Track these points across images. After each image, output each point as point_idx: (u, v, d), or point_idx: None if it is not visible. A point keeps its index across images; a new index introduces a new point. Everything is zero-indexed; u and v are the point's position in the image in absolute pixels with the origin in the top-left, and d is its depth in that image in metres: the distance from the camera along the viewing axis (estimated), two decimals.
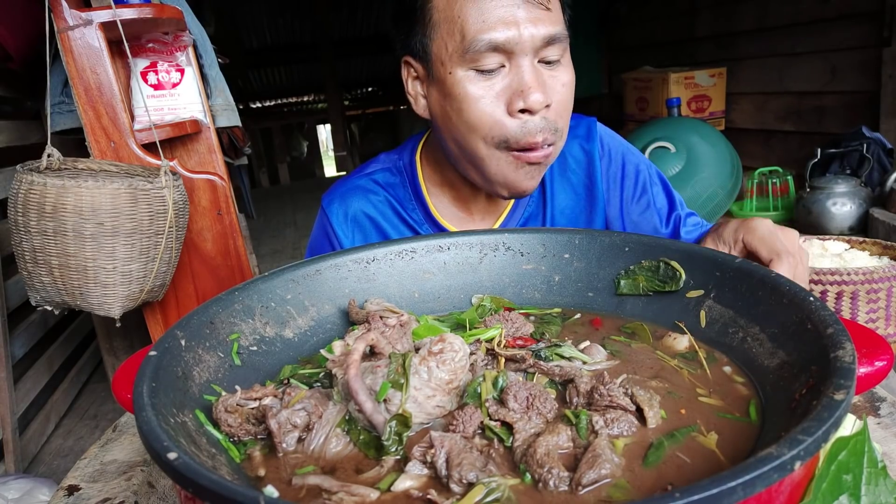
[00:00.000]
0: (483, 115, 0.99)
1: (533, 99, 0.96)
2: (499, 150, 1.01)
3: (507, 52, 0.97)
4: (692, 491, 0.36)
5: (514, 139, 0.99)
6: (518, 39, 0.96)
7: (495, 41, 0.96)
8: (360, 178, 1.23)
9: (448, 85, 1.02)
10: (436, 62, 1.03)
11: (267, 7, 8.72)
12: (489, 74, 0.99)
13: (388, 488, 0.49)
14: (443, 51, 1.01)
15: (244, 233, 2.81)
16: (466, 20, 0.97)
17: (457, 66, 1.00)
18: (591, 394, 0.58)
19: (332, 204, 1.21)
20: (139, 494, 0.73)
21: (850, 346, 0.49)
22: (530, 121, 0.99)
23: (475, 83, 0.99)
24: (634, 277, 0.79)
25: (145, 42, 2.01)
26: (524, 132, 0.99)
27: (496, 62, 0.98)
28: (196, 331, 0.64)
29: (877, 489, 0.47)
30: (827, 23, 3.59)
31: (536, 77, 0.98)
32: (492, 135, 1.00)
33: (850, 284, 1.74)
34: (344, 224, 1.20)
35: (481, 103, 0.99)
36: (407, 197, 1.21)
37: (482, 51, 0.97)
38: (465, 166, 1.09)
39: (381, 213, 1.20)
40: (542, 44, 0.98)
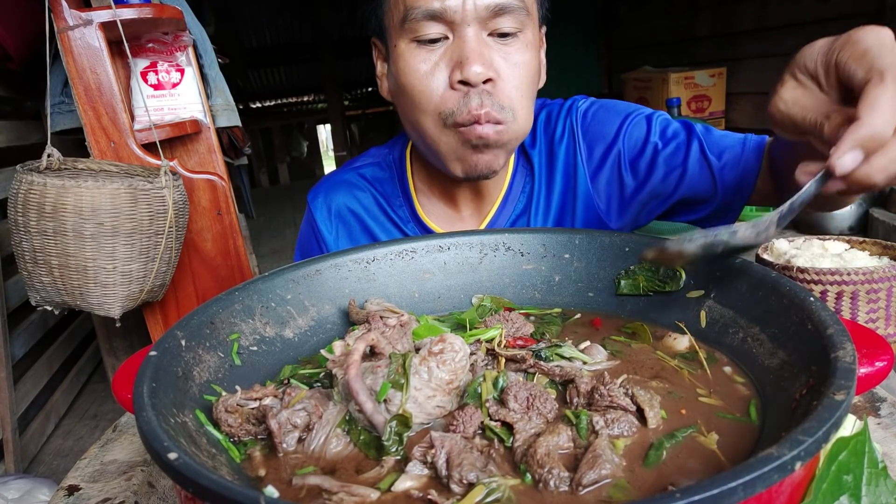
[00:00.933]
0: (424, 88, 0.95)
1: (471, 70, 0.91)
2: (447, 128, 0.96)
3: (448, 21, 0.92)
4: (693, 491, 0.36)
5: (456, 113, 0.94)
6: (457, 8, 0.90)
7: (431, 8, 0.91)
8: (346, 172, 1.20)
9: (393, 59, 0.98)
10: (388, 34, 0.99)
11: (267, 7, 8.71)
12: (430, 45, 0.94)
13: (388, 488, 0.49)
14: (391, 24, 0.97)
15: (244, 233, 2.81)
16: None
17: (399, 37, 0.95)
18: (591, 394, 0.58)
19: (317, 199, 1.18)
20: (139, 494, 0.73)
21: (851, 346, 0.49)
22: (471, 92, 0.93)
23: (416, 54, 0.95)
24: (635, 277, 0.79)
25: (145, 42, 2.01)
26: (464, 104, 0.93)
27: (437, 31, 0.93)
28: (196, 331, 0.64)
29: (877, 489, 0.47)
30: (827, 23, 3.59)
31: (478, 48, 0.92)
32: (436, 109, 0.95)
33: (850, 284, 1.73)
34: (328, 220, 1.16)
35: (420, 75, 0.95)
36: (394, 193, 1.17)
37: (419, 19, 0.92)
38: (423, 149, 1.05)
39: (365, 209, 1.16)
40: (488, 13, 0.92)
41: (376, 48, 1.07)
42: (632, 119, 1.10)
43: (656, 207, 1.11)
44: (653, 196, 1.09)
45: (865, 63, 0.58)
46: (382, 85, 1.08)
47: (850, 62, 0.59)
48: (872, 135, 0.54)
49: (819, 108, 0.63)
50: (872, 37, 0.59)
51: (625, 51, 5.76)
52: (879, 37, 0.59)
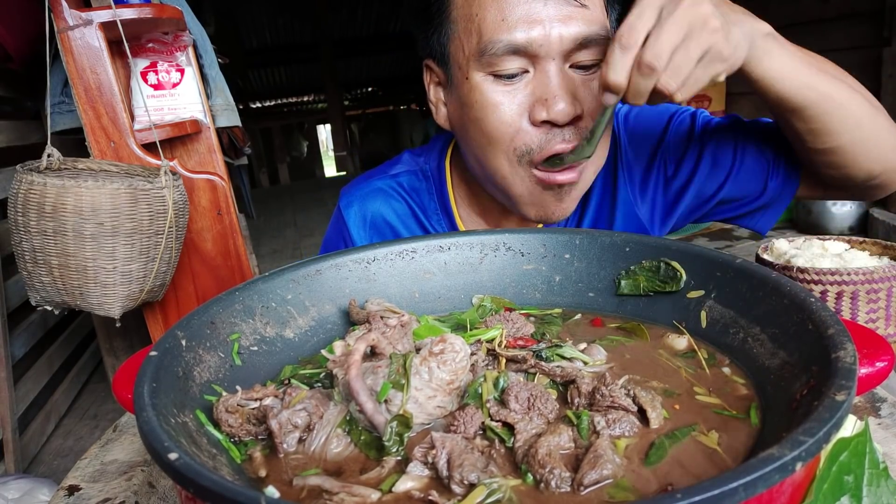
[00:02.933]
0: (501, 125, 0.89)
1: (558, 109, 0.85)
2: (521, 167, 0.91)
3: (531, 56, 0.86)
4: (693, 491, 0.36)
5: (535, 150, 0.89)
6: (543, 41, 0.84)
7: (515, 43, 0.85)
8: (382, 179, 1.13)
9: (465, 91, 0.91)
10: (454, 66, 0.93)
11: (267, 7, 8.72)
12: (510, 80, 0.88)
13: (389, 489, 0.49)
14: (460, 52, 0.90)
15: (244, 233, 2.81)
16: (484, 18, 0.86)
17: (474, 69, 0.89)
18: (592, 394, 0.58)
19: (351, 206, 1.12)
20: (139, 494, 0.73)
21: (851, 346, 0.49)
22: (555, 131, 0.88)
23: (493, 89, 0.88)
24: (635, 278, 0.79)
25: (145, 42, 2.01)
26: (545, 141, 0.88)
27: (517, 66, 0.87)
28: (196, 331, 0.64)
29: (878, 490, 0.47)
30: (827, 23, 3.59)
31: (563, 84, 0.86)
32: (513, 146, 0.89)
33: (850, 284, 1.73)
34: (361, 229, 1.11)
35: (500, 112, 0.88)
36: (432, 207, 1.11)
37: (499, 54, 0.86)
38: (489, 186, 0.99)
39: (401, 222, 1.11)
40: (573, 46, 0.86)
41: (431, 72, 1.00)
42: (677, 116, 1.07)
43: (698, 208, 1.07)
44: (697, 195, 1.05)
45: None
46: (439, 111, 1.01)
47: None
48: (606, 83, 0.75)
49: None
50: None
51: None
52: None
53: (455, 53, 0.92)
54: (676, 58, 0.72)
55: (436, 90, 1.01)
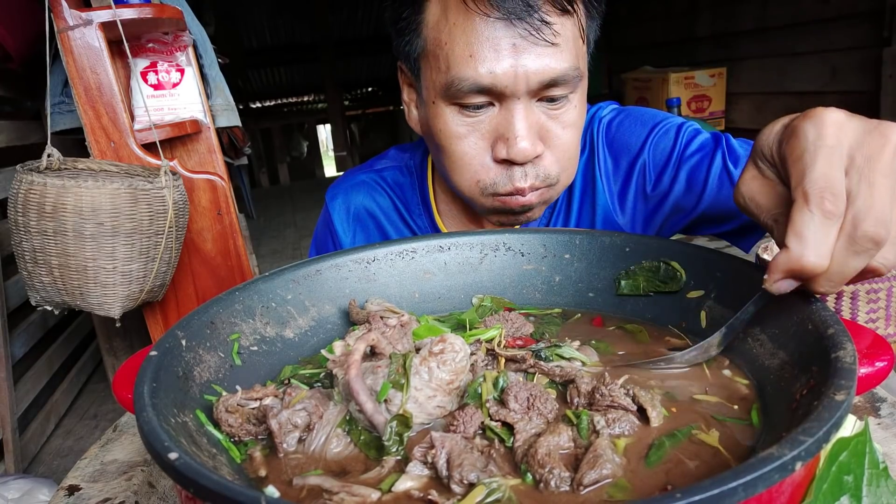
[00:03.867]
0: (464, 157, 0.90)
1: (518, 149, 0.85)
2: (483, 196, 0.93)
3: (496, 94, 0.85)
4: (693, 491, 0.36)
5: (498, 185, 0.90)
6: (509, 82, 0.83)
7: (480, 83, 0.83)
8: (367, 173, 1.16)
9: (431, 114, 0.91)
10: (423, 82, 0.92)
11: (267, 7, 8.72)
12: (475, 111, 0.87)
13: (388, 489, 0.49)
14: (428, 73, 0.90)
15: (244, 233, 2.81)
16: (453, 49, 0.84)
17: (439, 97, 0.88)
18: (592, 394, 0.58)
19: (336, 199, 1.15)
20: (139, 494, 0.73)
21: (851, 346, 0.49)
22: (516, 169, 0.88)
23: (458, 120, 0.88)
24: (635, 278, 0.79)
25: (145, 42, 2.01)
26: (507, 179, 0.89)
27: (483, 100, 0.86)
28: (197, 331, 0.64)
29: (878, 490, 0.47)
30: (827, 23, 3.59)
31: (528, 124, 0.86)
32: (475, 178, 0.91)
33: (850, 284, 1.73)
34: (345, 221, 1.14)
35: (463, 144, 0.89)
36: (414, 201, 1.13)
37: (465, 90, 0.85)
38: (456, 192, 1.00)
39: (383, 213, 1.13)
40: (539, 87, 0.85)
41: (403, 73, 1.00)
42: (660, 129, 1.05)
43: (678, 222, 1.06)
44: (676, 210, 1.04)
45: (797, 172, 0.50)
46: (410, 113, 1.01)
47: (787, 163, 0.51)
48: (802, 267, 0.49)
49: (772, 207, 0.55)
50: (812, 130, 0.50)
51: (625, 51, 5.76)
52: (819, 129, 0.50)
53: (424, 71, 0.91)
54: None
55: (408, 91, 1.01)
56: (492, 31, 0.82)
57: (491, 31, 0.82)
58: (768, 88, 4.13)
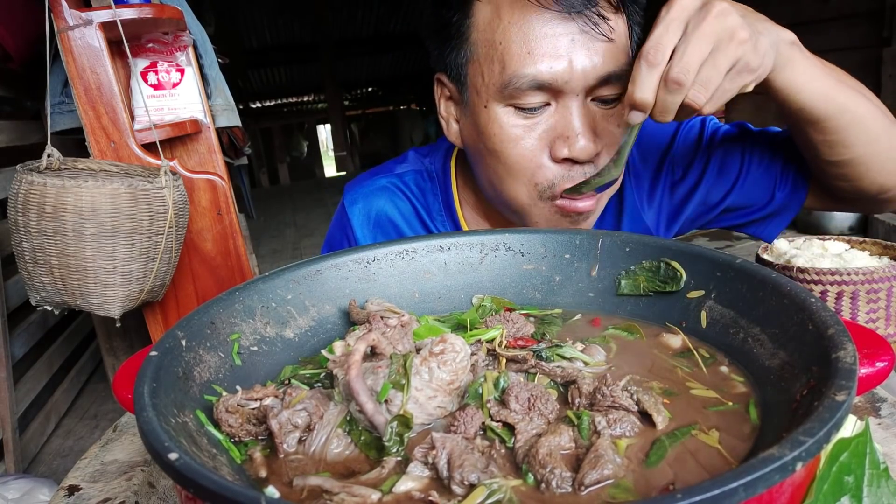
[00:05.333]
0: (522, 160, 0.88)
1: (579, 147, 0.85)
2: (542, 201, 0.91)
3: (554, 91, 0.85)
4: (694, 492, 0.36)
5: (556, 185, 0.89)
6: (567, 77, 0.83)
7: (540, 78, 0.83)
8: (387, 177, 1.13)
9: (482, 120, 0.89)
10: (471, 89, 0.90)
11: (267, 7, 8.72)
12: (531, 112, 0.86)
13: (389, 490, 0.49)
14: (479, 78, 0.88)
15: (244, 233, 2.81)
16: (509, 48, 0.83)
17: (493, 99, 0.87)
18: (593, 395, 0.58)
19: (356, 204, 1.11)
20: (140, 494, 0.73)
21: (851, 346, 0.49)
22: (576, 169, 0.87)
23: (514, 123, 0.87)
24: (635, 278, 0.79)
25: (145, 42, 2.01)
26: (567, 177, 0.88)
27: (540, 100, 0.85)
28: (197, 331, 0.64)
29: (879, 490, 0.47)
30: (827, 23, 3.59)
31: (585, 121, 0.86)
32: (534, 181, 0.89)
33: (850, 284, 1.74)
34: (366, 226, 1.11)
35: (520, 146, 0.87)
36: (437, 208, 1.10)
37: (524, 88, 0.84)
38: (502, 207, 0.98)
39: (405, 221, 1.11)
40: (597, 83, 0.85)
41: (442, 86, 0.98)
42: (686, 124, 1.06)
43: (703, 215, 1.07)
44: (703, 201, 1.05)
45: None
46: (450, 128, 0.99)
47: None
48: (633, 101, 0.72)
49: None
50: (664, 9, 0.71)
51: None
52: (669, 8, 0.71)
53: (473, 77, 0.90)
54: (704, 71, 0.70)
55: (447, 105, 0.99)
56: (549, 27, 0.82)
57: (549, 27, 0.82)
58: None
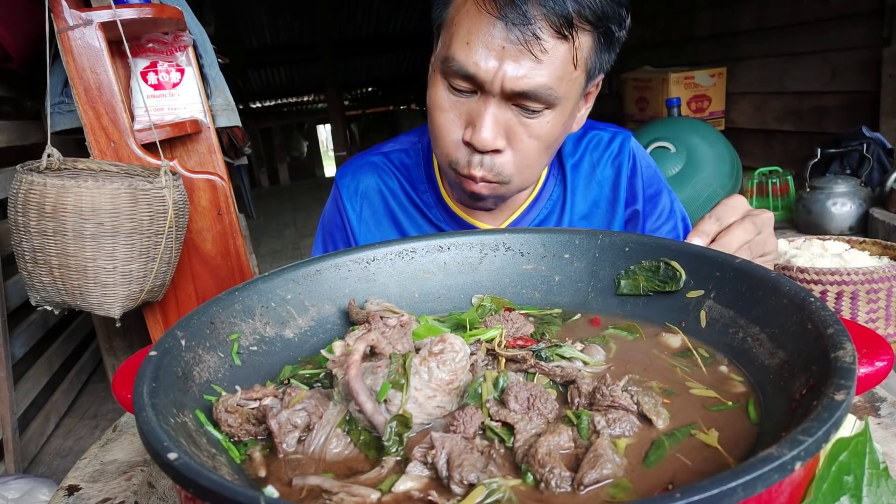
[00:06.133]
0: (442, 129, 0.98)
1: (479, 137, 0.93)
2: (450, 169, 1.01)
3: (478, 84, 0.92)
4: (693, 491, 0.36)
5: (460, 164, 0.98)
6: (488, 78, 0.90)
7: (466, 69, 0.91)
8: (374, 154, 1.23)
9: (430, 81, 1.00)
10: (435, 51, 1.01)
11: (267, 7, 8.71)
12: (459, 93, 0.95)
13: (388, 489, 0.49)
14: (439, 44, 0.99)
15: (244, 233, 2.81)
16: (458, 31, 0.92)
17: (437, 70, 0.98)
18: (593, 394, 0.58)
19: (345, 177, 1.22)
20: (139, 494, 0.73)
21: (851, 346, 0.49)
22: (475, 155, 0.96)
23: (445, 95, 0.97)
24: (634, 277, 0.79)
25: (145, 42, 2.01)
26: (465, 162, 0.97)
27: (467, 87, 0.94)
28: (196, 331, 0.64)
29: (878, 490, 0.47)
30: (827, 23, 3.59)
31: (496, 119, 0.93)
32: (446, 151, 0.99)
33: (850, 284, 1.74)
34: (353, 198, 1.20)
35: (444, 116, 0.97)
36: (419, 178, 1.19)
37: (454, 70, 0.92)
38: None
39: (391, 192, 1.20)
40: (514, 93, 0.91)
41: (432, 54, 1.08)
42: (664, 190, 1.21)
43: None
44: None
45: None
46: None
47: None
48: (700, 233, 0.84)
49: None
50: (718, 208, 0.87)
51: (625, 51, 5.75)
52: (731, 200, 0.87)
53: (438, 41, 1.00)
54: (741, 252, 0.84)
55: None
56: (491, 28, 0.89)
57: (490, 28, 0.89)
58: (768, 88, 4.13)
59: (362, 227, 1.20)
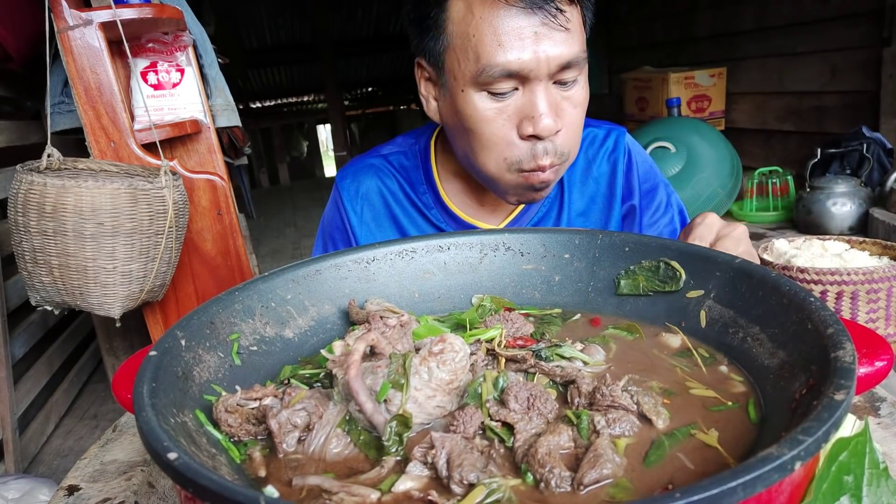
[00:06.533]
0: (493, 137, 0.99)
1: (543, 125, 0.96)
2: (509, 172, 1.02)
3: (522, 78, 0.95)
4: (692, 491, 0.36)
5: (524, 161, 1.00)
6: (534, 66, 0.94)
7: (510, 68, 0.93)
8: (374, 157, 1.25)
9: (459, 102, 1.00)
10: (448, 74, 1.01)
11: (267, 7, 8.71)
12: (502, 97, 0.97)
13: (388, 489, 0.49)
14: (455, 66, 0.99)
15: (244, 233, 2.81)
16: (481, 41, 0.94)
17: (469, 85, 0.98)
18: (593, 394, 0.58)
19: (345, 180, 1.24)
20: (139, 494, 0.73)
21: (851, 346, 0.49)
22: (539, 145, 0.98)
23: (487, 106, 0.98)
24: (634, 277, 0.79)
25: (145, 42, 2.01)
26: (532, 156, 0.99)
27: (510, 86, 0.96)
28: (196, 331, 0.64)
29: (878, 490, 0.47)
30: (827, 23, 3.59)
31: (549, 102, 0.97)
32: (503, 156, 1.00)
33: (850, 284, 1.73)
34: (354, 200, 1.22)
35: (493, 125, 0.98)
36: (419, 180, 1.21)
37: (496, 76, 0.94)
38: (477, 177, 1.10)
39: (391, 194, 1.22)
40: (558, 69, 0.95)
41: (422, 69, 1.09)
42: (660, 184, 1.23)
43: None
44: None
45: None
46: (429, 105, 1.10)
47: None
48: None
49: None
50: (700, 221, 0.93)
51: (625, 51, 5.76)
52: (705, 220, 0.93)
53: (450, 63, 1.00)
54: None
55: (426, 85, 1.10)
56: (516, 21, 0.93)
57: (515, 21, 0.93)
58: (768, 88, 4.13)
59: (363, 229, 1.22)
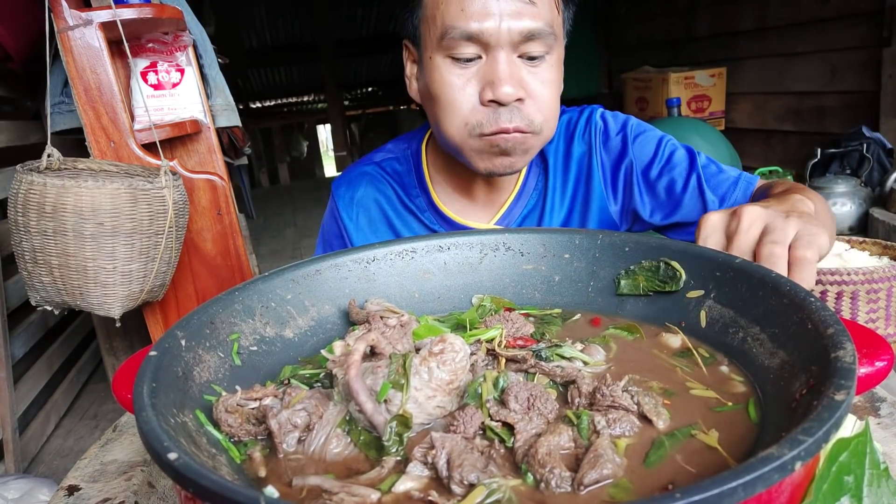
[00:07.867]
0: (455, 102, 1.02)
1: (502, 91, 0.98)
2: (471, 137, 1.04)
3: (483, 44, 0.98)
4: (693, 491, 0.36)
5: (485, 125, 1.01)
6: (493, 31, 0.97)
7: (469, 31, 0.97)
8: (367, 165, 1.28)
9: (428, 69, 1.05)
10: (422, 46, 1.06)
11: (267, 7, 8.71)
12: (465, 63, 1.01)
13: (388, 489, 0.49)
14: (427, 35, 1.04)
15: (244, 233, 2.81)
16: (447, 7, 0.99)
17: (435, 51, 1.02)
18: (593, 394, 0.58)
19: (340, 188, 1.27)
20: (139, 494, 0.73)
21: (851, 346, 0.49)
22: (502, 111, 1.00)
23: (450, 70, 1.01)
24: (634, 277, 0.79)
25: (145, 42, 2.01)
26: (494, 120, 1.01)
27: (472, 52, 0.99)
28: (196, 331, 0.64)
29: (879, 490, 0.47)
30: (827, 23, 3.59)
31: (511, 71, 0.99)
32: (464, 121, 1.03)
33: (850, 284, 1.74)
34: (349, 208, 1.25)
35: (454, 90, 1.02)
36: (412, 184, 1.24)
37: (457, 38, 0.98)
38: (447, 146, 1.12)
39: (386, 200, 1.25)
40: (521, 38, 0.98)
41: (408, 50, 1.13)
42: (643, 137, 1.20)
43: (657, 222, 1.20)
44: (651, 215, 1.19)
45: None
46: (411, 86, 1.15)
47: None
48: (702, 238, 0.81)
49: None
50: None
51: (625, 51, 5.76)
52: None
53: (424, 35, 1.05)
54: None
55: (411, 67, 1.14)
56: None
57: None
58: (768, 88, 4.13)
59: (360, 234, 1.25)
